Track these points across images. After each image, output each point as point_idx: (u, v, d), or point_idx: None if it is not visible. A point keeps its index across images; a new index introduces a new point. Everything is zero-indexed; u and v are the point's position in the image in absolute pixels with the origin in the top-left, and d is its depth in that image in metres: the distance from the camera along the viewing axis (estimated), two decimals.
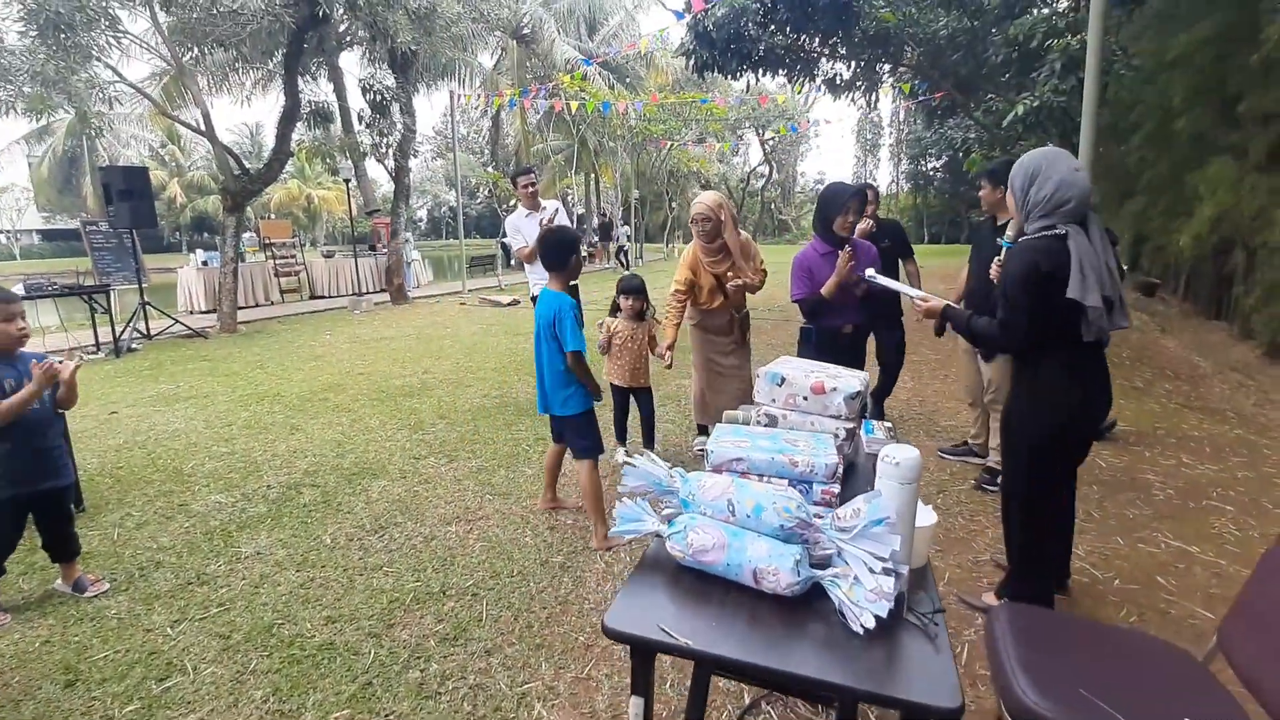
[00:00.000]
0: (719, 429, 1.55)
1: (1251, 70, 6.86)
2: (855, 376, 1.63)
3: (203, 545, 3.05)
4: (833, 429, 1.55)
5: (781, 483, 1.32)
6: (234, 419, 5.08)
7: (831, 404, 1.55)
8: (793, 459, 1.33)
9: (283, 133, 9.71)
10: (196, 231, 43.81)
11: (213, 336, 9.08)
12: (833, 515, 1.18)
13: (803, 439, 1.45)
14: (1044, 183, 1.91)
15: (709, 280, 3.70)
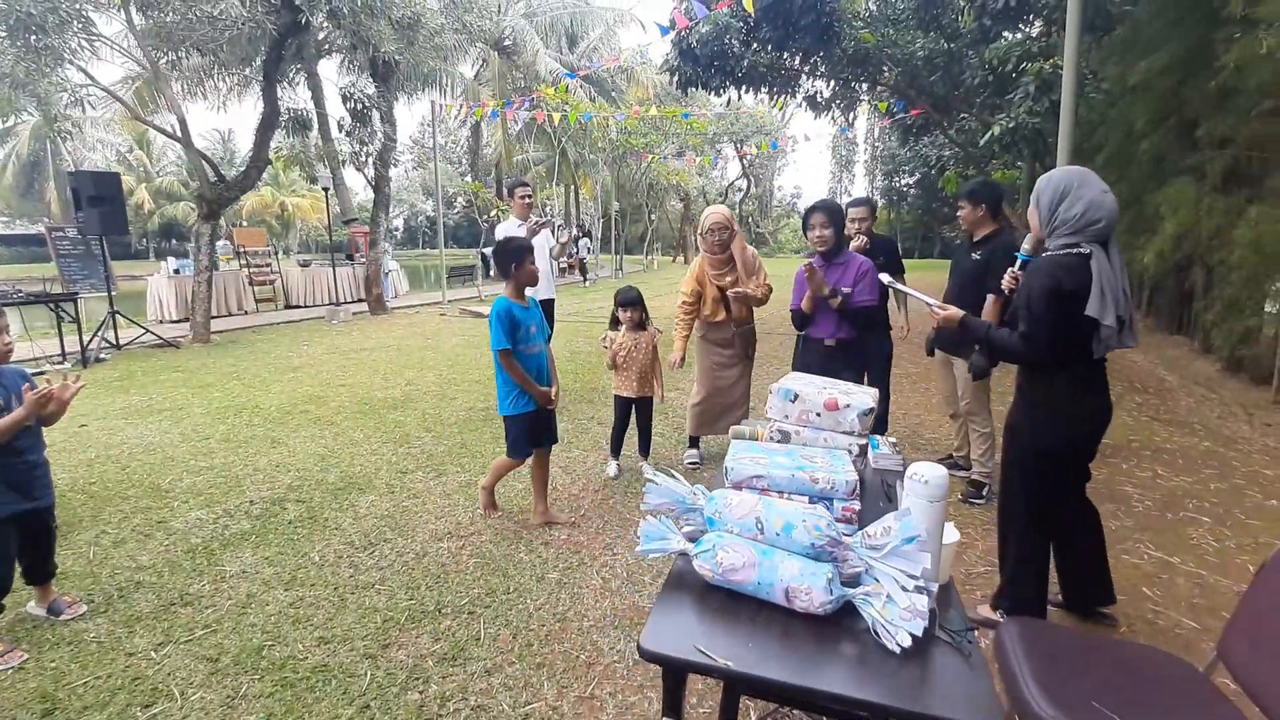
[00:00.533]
0: (736, 445, 1.55)
1: (1208, 96, 7.16)
2: (867, 393, 1.64)
3: (185, 564, 2.95)
4: (845, 445, 1.56)
5: (802, 499, 1.32)
6: (211, 432, 4.95)
7: (844, 420, 1.56)
8: (813, 476, 1.34)
9: (261, 140, 9.56)
10: (164, 238, 42.83)
11: (185, 347, 8.85)
12: (862, 533, 1.18)
13: (819, 455, 1.45)
14: (1074, 202, 1.96)
15: (714, 291, 3.85)
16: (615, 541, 3.17)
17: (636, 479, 3.99)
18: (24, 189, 33.53)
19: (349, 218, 16.30)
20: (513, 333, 3.05)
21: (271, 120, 9.59)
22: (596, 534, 3.26)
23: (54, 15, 7.64)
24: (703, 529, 1.30)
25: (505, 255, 3.12)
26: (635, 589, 2.75)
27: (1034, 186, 2.11)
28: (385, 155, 12.19)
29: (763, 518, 1.19)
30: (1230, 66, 6.52)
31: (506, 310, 3.05)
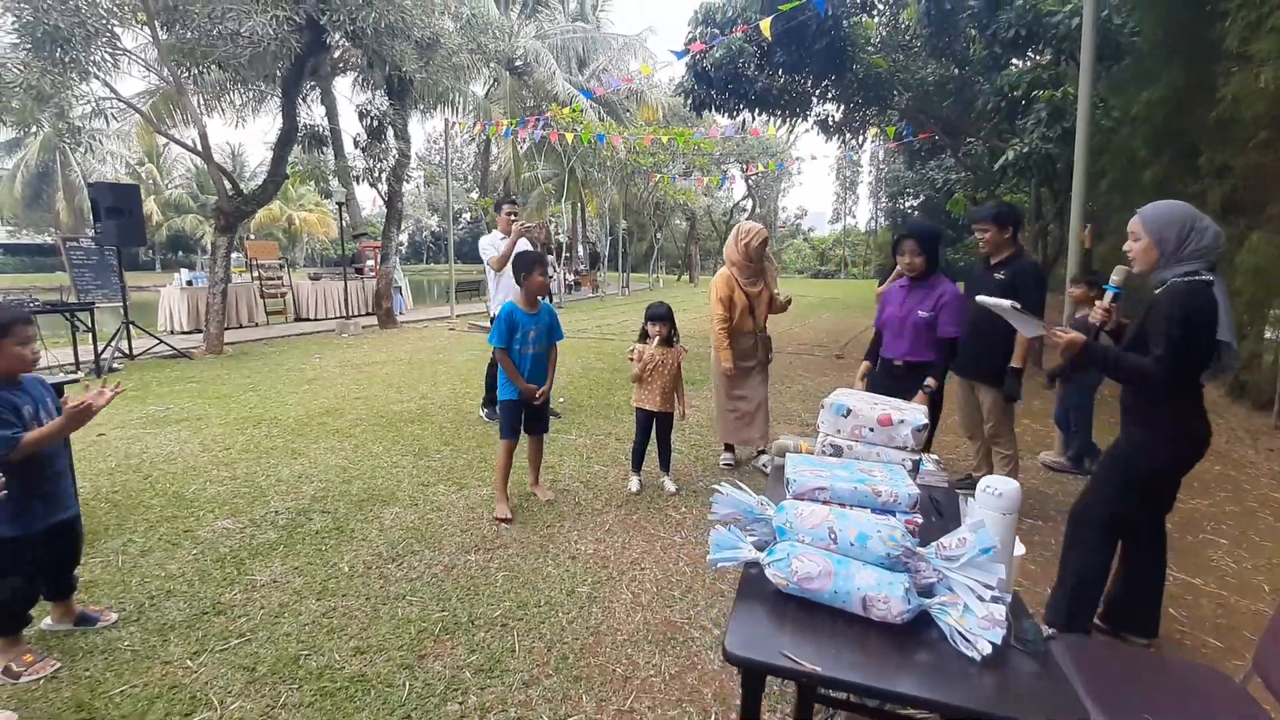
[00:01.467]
0: (792, 458, 1.57)
1: (1208, 126, 7.30)
2: (919, 410, 1.67)
3: (214, 573, 2.95)
4: (899, 460, 1.58)
5: (864, 512, 1.34)
6: (231, 442, 4.96)
7: (898, 435, 1.59)
8: (875, 489, 1.36)
9: (279, 155, 9.69)
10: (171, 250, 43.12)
11: (198, 357, 8.89)
12: (936, 544, 1.20)
13: (876, 469, 1.48)
14: (1203, 232, 2.05)
15: (743, 300, 4.17)
16: (642, 556, 3.18)
17: (658, 494, 4.00)
18: (31, 199, 33.82)
19: (359, 232, 16.44)
20: (510, 334, 3.53)
21: (290, 136, 9.73)
22: (622, 549, 3.26)
23: (81, 29, 7.79)
24: (771, 538, 1.32)
25: (516, 266, 3.58)
26: (666, 604, 2.75)
27: (1142, 218, 2.19)
28: (399, 171, 12.33)
29: (836, 528, 1.21)
30: (1228, 99, 6.66)
31: (508, 314, 3.54)
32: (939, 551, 1.18)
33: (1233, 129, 7.01)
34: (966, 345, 3.51)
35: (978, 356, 3.60)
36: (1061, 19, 6.92)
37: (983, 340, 3.51)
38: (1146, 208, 2.21)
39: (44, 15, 7.55)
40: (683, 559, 3.16)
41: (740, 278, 4.13)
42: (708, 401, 6.41)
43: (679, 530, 3.50)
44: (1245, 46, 6.52)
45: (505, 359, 3.56)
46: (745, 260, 4.12)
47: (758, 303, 4.21)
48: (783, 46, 8.50)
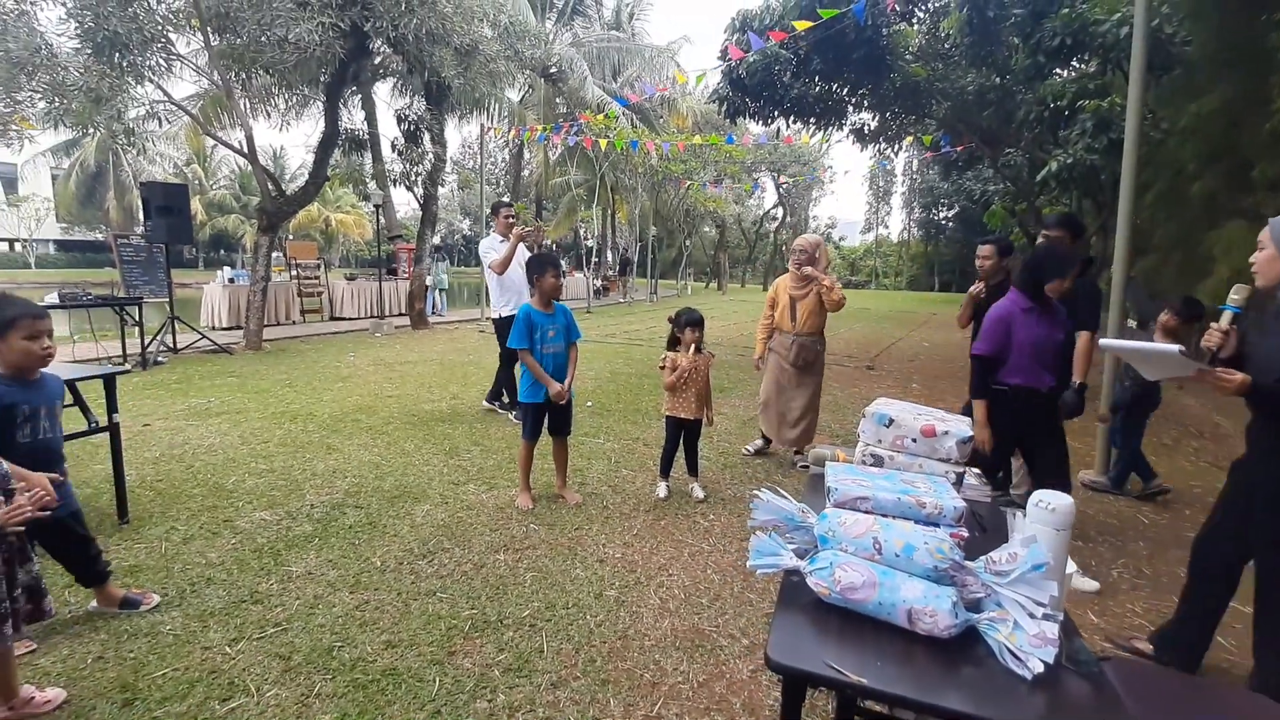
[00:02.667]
0: (833, 468, 1.56)
1: (1263, 137, 7.05)
2: (963, 421, 1.64)
3: (252, 563, 3.02)
4: (941, 472, 1.55)
5: (909, 523, 1.31)
6: (269, 436, 5.08)
7: (941, 447, 1.56)
8: (919, 500, 1.33)
9: (321, 158, 9.93)
10: (214, 249, 44.45)
11: (238, 353, 9.13)
12: (985, 559, 1.17)
13: (920, 481, 1.45)
14: None
15: (785, 300, 4.60)
16: (670, 563, 3.16)
17: (686, 501, 3.98)
18: (85, 198, 35.20)
19: (395, 234, 16.75)
20: (530, 334, 3.62)
21: (332, 139, 9.97)
22: (650, 554, 3.25)
23: (139, 35, 8.10)
24: (811, 546, 1.30)
25: (530, 268, 3.72)
26: (694, 611, 2.73)
27: (1271, 228, 2.02)
28: (435, 175, 12.54)
29: (881, 538, 1.19)
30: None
31: (526, 315, 3.64)
32: (988, 566, 1.15)
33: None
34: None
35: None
36: (1109, 28, 6.77)
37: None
38: (1277, 217, 2.02)
39: (104, 21, 7.87)
40: (710, 566, 3.14)
41: (790, 281, 4.60)
42: (736, 409, 6.39)
43: (707, 537, 3.48)
44: None
45: (529, 359, 3.64)
46: (794, 267, 4.61)
47: (799, 305, 4.53)
48: (820, 54, 8.46)
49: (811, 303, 4.48)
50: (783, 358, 4.62)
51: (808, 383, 4.60)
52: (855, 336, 13.45)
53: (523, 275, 5.58)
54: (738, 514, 3.82)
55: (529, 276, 3.73)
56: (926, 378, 9.11)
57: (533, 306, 3.71)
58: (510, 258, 5.43)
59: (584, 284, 20.54)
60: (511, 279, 5.57)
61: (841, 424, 6.08)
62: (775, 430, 4.73)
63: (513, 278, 5.57)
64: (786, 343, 4.59)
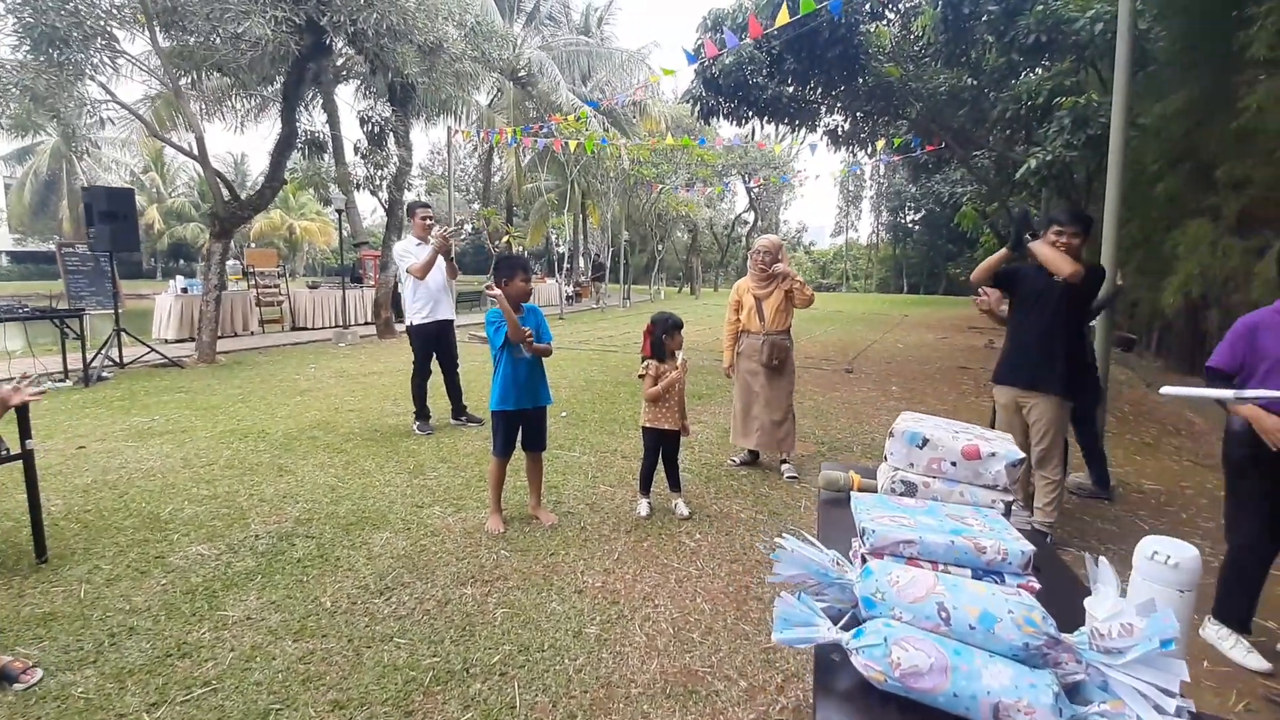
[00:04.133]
0: (860, 499, 1.30)
1: (1226, 138, 7.08)
2: (1008, 440, 1.39)
3: (183, 607, 2.67)
4: (988, 501, 1.31)
5: (964, 572, 1.07)
6: (215, 457, 4.69)
7: (987, 472, 1.31)
8: (977, 543, 1.08)
9: (277, 160, 9.48)
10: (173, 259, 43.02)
11: (190, 367, 8.63)
12: (1090, 630, 0.92)
13: (969, 515, 1.21)
14: None
15: (750, 302, 4.50)
16: (655, 591, 2.89)
17: (669, 519, 3.72)
18: (38, 207, 33.80)
19: (360, 240, 16.23)
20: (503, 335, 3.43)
21: (289, 141, 9.53)
22: (634, 581, 2.98)
23: (79, 30, 7.61)
24: (848, 606, 1.04)
25: (496, 271, 3.53)
26: (685, 649, 2.46)
27: None
28: (400, 179, 12.13)
29: (949, 603, 0.92)
30: (1252, 108, 6.44)
31: (498, 315, 3.43)
32: (1094, 641, 0.90)
33: (1256, 140, 6.79)
34: (1022, 350, 3.27)
35: (1037, 362, 3.29)
36: (1083, 25, 6.71)
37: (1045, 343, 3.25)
38: None
39: (42, 15, 7.38)
40: (699, 594, 2.88)
41: (752, 282, 4.52)
42: (715, 417, 6.15)
43: (694, 560, 3.21)
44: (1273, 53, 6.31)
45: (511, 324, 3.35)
46: (754, 267, 4.52)
47: (765, 305, 4.46)
48: (793, 54, 8.31)
49: (777, 300, 4.43)
50: (754, 360, 4.48)
51: (782, 385, 4.49)
52: (830, 339, 13.35)
53: (441, 280, 5.48)
54: (725, 531, 3.56)
55: (497, 280, 3.50)
56: (905, 379, 8.99)
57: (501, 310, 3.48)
58: (431, 263, 5.22)
59: (556, 290, 20.20)
60: (428, 285, 5.37)
61: (825, 430, 5.87)
62: (754, 438, 4.55)
63: (430, 284, 5.37)
64: (757, 344, 4.46)
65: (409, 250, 5.38)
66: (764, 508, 3.94)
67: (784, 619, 1.01)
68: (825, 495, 1.71)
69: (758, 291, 4.47)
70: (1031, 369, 3.32)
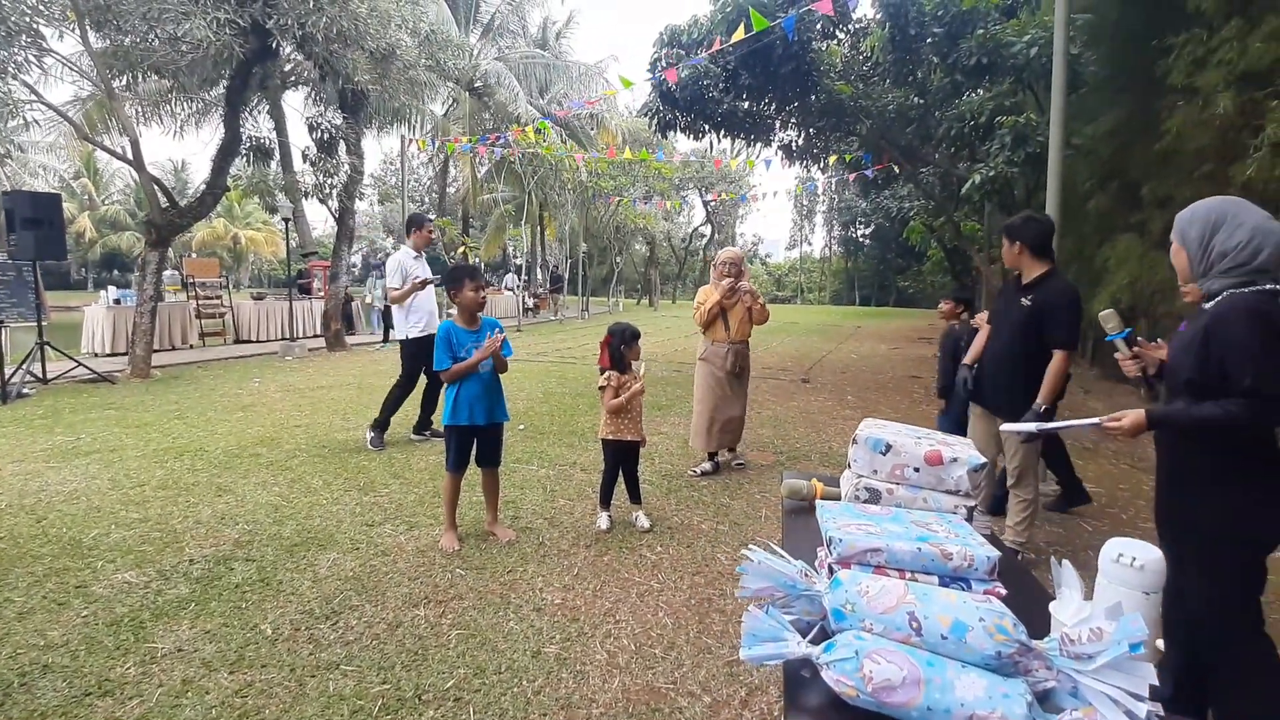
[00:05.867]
0: (826, 507, 1.28)
1: (1150, 159, 7.51)
2: (969, 445, 1.39)
3: (106, 640, 2.47)
4: (950, 507, 1.30)
5: (931, 579, 1.04)
6: (147, 478, 4.41)
7: (949, 477, 1.31)
8: (943, 549, 1.06)
9: (219, 166, 9.11)
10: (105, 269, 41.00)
11: (122, 382, 8.16)
12: (1060, 637, 0.90)
13: (934, 522, 1.19)
14: (1234, 229, 1.67)
15: (717, 310, 4.63)
16: (616, 606, 2.82)
17: (630, 532, 3.65)
18: None
19: (308, 251, 15.74)
20: (452, 353, 3.34)
21: (232, 147, 9.17)
22: (594, 597, 2.90)
23: (1, 26, 7.18)
24: (817, 618, 1.00)
25: (445, 281, 3.49)
26: (647, 665, 2.40)
27: (1173, 227, 1.82)
28: (351, 188, 11.82)
29: (920, 613, 0.90)
30: (1173, 132, 6.85)
31: (447, 333, 3.36)
32: (1064, 647, 0.88)
33: (1177, 160, 7.22)
34: (991, 374, 3.20)
35: (1005, 386, 3.17)
36: (1020, 48, 7.02)
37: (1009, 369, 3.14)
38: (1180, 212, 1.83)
39: None
40: (662, 608, 2.82)
41: (718, 293, 4.65)
42: (675, 427, 6.12)
43: (655, 574, 3.16)
44: (1190, 80, 6.73)
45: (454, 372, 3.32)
46: (717, 277, 4.71)
47: (730, 315, 4.67)
48: (747, 69, 8.44)
49: (740, 312, 4.70)
50: (719, 367, 4.68)
51: (741, 389, 4.81)
52: (786, 350, 13.54)
53: (432, 294, 5.41)
54: (686, 544, 3.52)
55: (447, 291, 3.45)
56: (859, 389, 9.17)
57: (454, 323, 3.41)
58: (412, 291, 5.17)
59: (514, 302, 19.97)
60: (420, 299, 5.29)
61: (784, 440, 5.91)
62: (716, 439, 4.75)
63: (422, 298, 5.30)
64: (722, 352, 4.67)
65: (405, 264, 5.27)
66: (725, 518, 3.92)
67: (751, 634, 0.97)
68: (789, 504, 1.69)
69: (726, 302, 4.64)
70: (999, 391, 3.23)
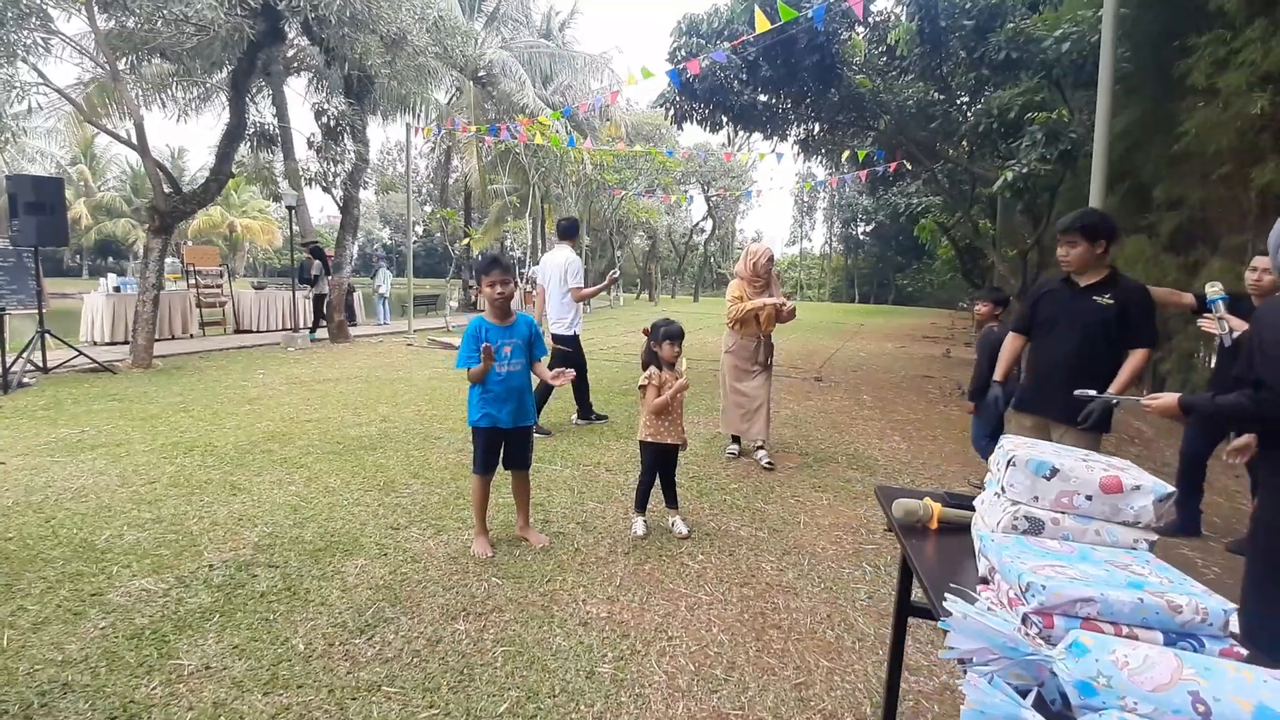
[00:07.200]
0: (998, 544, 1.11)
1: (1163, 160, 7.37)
2: (1142, 472, 1.22)
3: (127, 655, 2.30)
4: (1128, 541, 1.15)
5: (1154, 636, 0.89)
6: (158, 474, 4.23)
7: (1128, 507, 1.14)
8: (1169, 600, 0.90)
9: (224, 152, 8.88)
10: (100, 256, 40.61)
11: (123, 372, 7.96)
12: None
13: (1133, 562, 1.02)
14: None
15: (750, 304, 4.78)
16: (667, 621, 2.67)
17: (668, 538, 3.50)
18: None
19: (309, 240, 15.51)
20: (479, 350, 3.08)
21: (237, 132, 8.95)
22: (641, 609, 2.75)
23: (14, 8, 6.95)
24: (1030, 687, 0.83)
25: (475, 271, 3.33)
26: (710, 688, 2.25)
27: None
28: (356, 176, 11.59)
29: (1206, 694, 0.72)
30: (1191, 132, 6.69)
31: (476, 328, 3.17)
32: None
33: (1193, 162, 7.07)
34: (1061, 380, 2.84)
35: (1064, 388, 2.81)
36: (1051, 44, 6.86)
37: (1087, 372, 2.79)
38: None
39: None
40: (714, 623, 2.67)
41: (749, 289, 4.82)
42: (696, 426, 5.96)
43: (701, 584, 3.01)
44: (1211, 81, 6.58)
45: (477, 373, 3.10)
46: (753, 275, 4.80)
47: (762, 312, 4.78)
48: (768, 61, 8.26)
49: (771, 310, 4.85)
50: (750, 360, 4.88)
51: (767, 378, 4.98)
52: (794, 347, 13.39)
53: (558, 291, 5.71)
54: (728, 551, 3.37)
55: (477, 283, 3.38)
56: (874, 388, 9.04)
57: (485, 319, 3.23)
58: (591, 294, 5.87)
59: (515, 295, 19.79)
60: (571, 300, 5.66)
61: (807, 440, 5.77)
62: (738, 424, 4.99)
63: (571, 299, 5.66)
64: (752, 346, 4.87)
65: (579, 266, 5.67)
66: (763, 524, 3.77)
67: (979, 713, 0.80)
68: (900, 519, 1.54)
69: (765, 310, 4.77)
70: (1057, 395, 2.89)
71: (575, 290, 5.58)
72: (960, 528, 1.54)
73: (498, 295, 3.13)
